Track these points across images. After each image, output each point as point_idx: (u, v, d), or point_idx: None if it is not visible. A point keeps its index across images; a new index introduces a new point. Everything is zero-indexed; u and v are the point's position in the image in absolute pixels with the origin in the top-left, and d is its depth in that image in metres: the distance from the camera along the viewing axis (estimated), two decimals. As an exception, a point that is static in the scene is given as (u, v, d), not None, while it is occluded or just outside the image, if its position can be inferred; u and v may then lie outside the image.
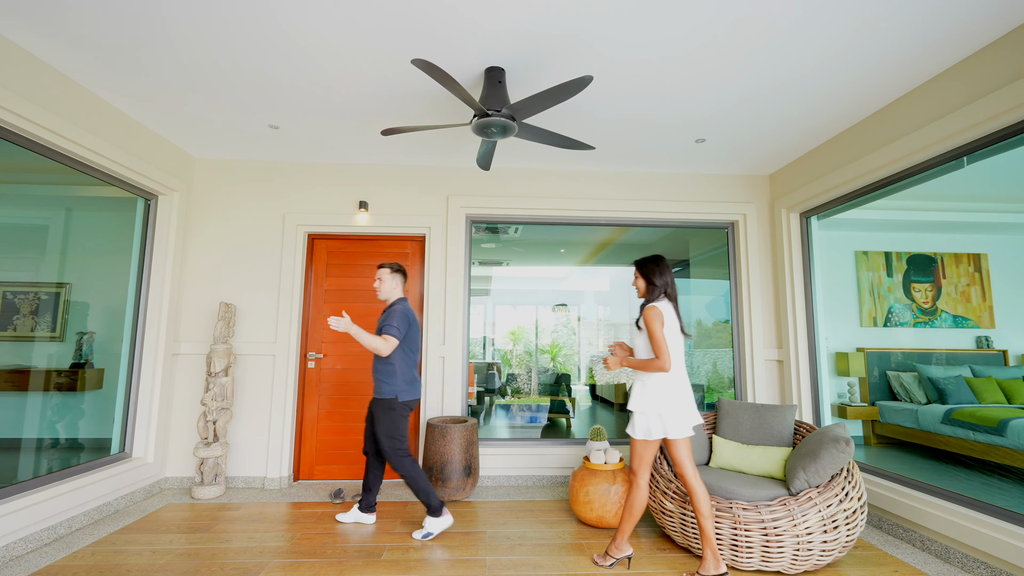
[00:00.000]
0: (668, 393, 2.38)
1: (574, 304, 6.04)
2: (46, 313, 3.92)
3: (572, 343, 5.95)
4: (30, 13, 2.31)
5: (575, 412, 5.39)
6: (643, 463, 2.44)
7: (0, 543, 2.50)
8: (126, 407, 3.56)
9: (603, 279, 6.14)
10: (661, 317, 2.38)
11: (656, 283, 2.50)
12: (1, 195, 3.89)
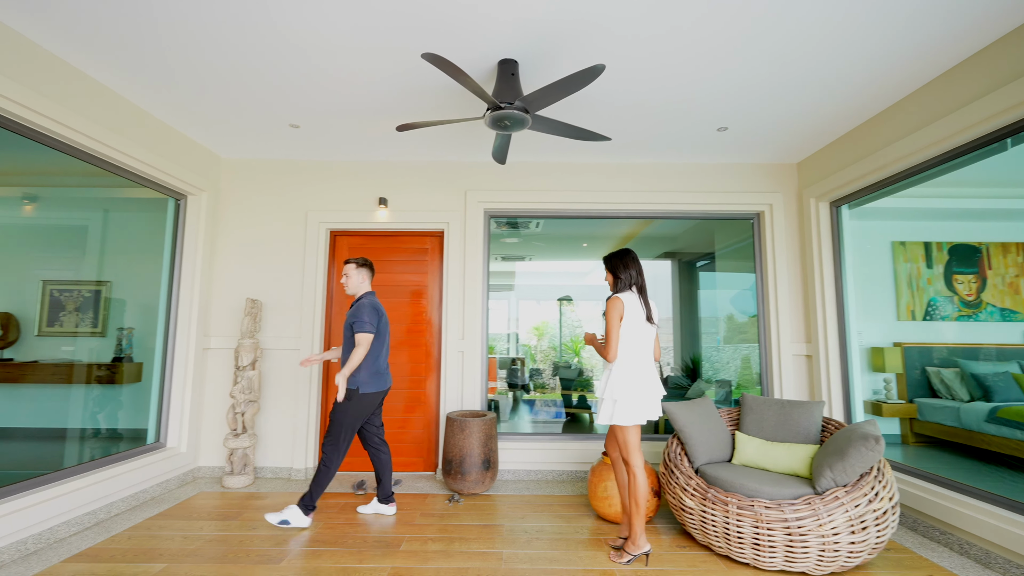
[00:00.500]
0: (627, 381, 2.48)
1: (599, 299, 5.99)
2: (89, 310, 4.13)
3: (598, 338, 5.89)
4: (71, 26, 2.42)
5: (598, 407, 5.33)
6: (634, 449, 2.51)
7: (46, 526, 2.66)
8: (160, 399, 3.72)
9: None
10: (620, 309, 2.50)
11: (620, 276, 2.61)
12: (46, 198, 4.10)
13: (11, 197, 4.04)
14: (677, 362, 5.68)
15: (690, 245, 5.59)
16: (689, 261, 5.79)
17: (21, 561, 2.45)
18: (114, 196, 3.93)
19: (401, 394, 4.08)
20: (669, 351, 5.99)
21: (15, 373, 3.98)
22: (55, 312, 4.17)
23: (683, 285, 5.91)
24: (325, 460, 2.91)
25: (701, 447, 2.94)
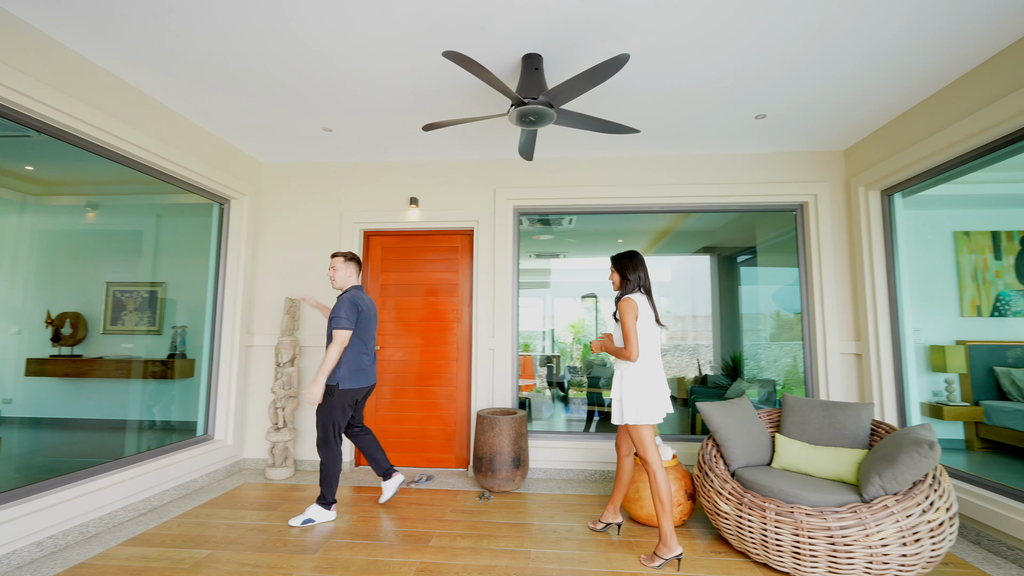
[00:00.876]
0: (641, 381, 2.50)
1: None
2: (147, 309, 4.40)
3: None
4: (115, 41, 2.57)
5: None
6: (650, 447, 2.49)
7: (106, 511, 2.85)
8: (208, 394, 3.92)
9: (664, 269, 5.90)
10: (635, 309, 2.52)
11: (630, 277, 2.64)
12: (106, 206, 4.40)
13: (76, 205, 4.36)
14: (717, 361, 5.49)
15: (730, 239, 5.39)
16: (729, 256, 5.58)
17: (83, 543, 2.64)
18: (165, 202, 4.17)
19: (434, 391, 4.13)
20: (708, 349, 5.80)
21: (83, 368, 4.30)
22: (117, 311, 4.48)
23: (723, 281, 5.70)
24: (323, 462, 2.97)
25: (738, 449, 2.83)
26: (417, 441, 4.11)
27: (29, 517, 2.44)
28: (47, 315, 4.35)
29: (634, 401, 2.49)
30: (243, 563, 2.43)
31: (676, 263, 5.88)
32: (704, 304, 5.84)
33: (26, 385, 4.35)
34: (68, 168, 3.72)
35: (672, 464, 2.96)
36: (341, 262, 3.12)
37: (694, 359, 5.78)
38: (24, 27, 2.42)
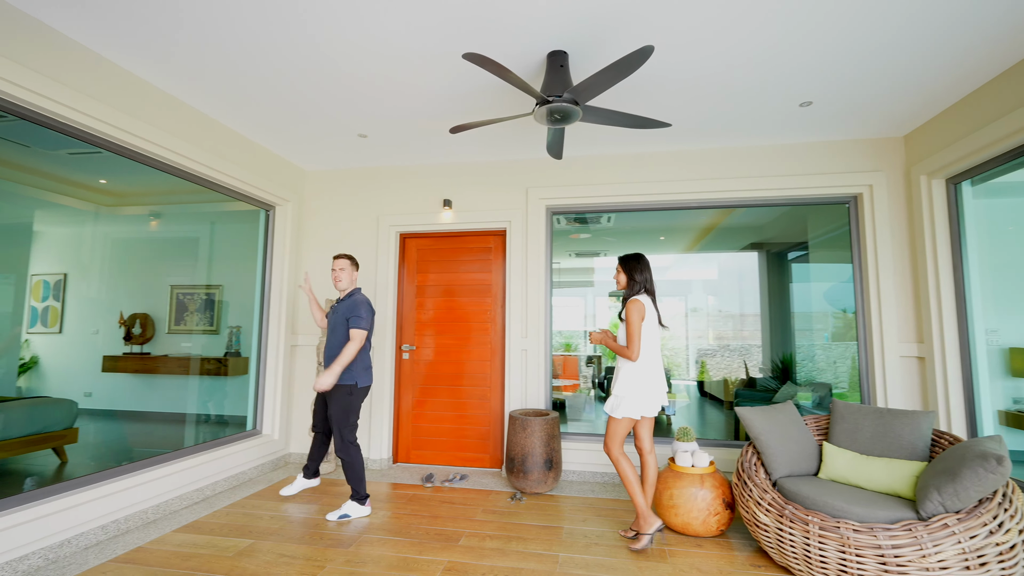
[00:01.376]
0: (636, 380, 2.63)
1: (681, 294, 5.69)
2: (206, 310, 4.70)
3: (680, 336, 5.60)
4: (166, 59, 2.76)
5: (674, 408, 5.09)
6: (620, 441, 2.69)
7: (163, 499, 3.07)
8: (256, 390, 4.14)
9: (711, 267, 5.68)
10: (642, 311, 2.63)
11: (636, 279, 2.74)
12: (167, 214, 4.72)
13: (141, 215, 4.71)
14: (766, 363, 5.22)
15: (779, 235, 5.11)
16: (779, 252, 5.29)
17: (142, 528, 2.85)
18: (218, 210, 4.43)
19: (468, 391, 4.17)
20: (757, 350, 5.53)
21: (151, 365, 4.65)
22: (180, 312, 4.81)
23: (772, 278, 5.41)
24: (347, 461, 3.03)
25: (780, 457, 2.67)
26: (452, 440, 4.16)
27: (97, 502, 2.66)
28: (120, 316, 4.74)
29: (624, 397, 2.63)
30: (281, 554, 2.54)
31: (723, 260, 5.64)
32: (752, 303, 5.56)
33: (103, 380, 4.75)
34: (134, 181, 4.02)
35: (709, 471, 2.84)
36: (349, 264, 3.23)
37: (741, 360, 5.52)
38: (94, 57, 2.64)
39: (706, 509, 2.73)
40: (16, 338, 3.66)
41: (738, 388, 5.12)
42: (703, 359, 5.43)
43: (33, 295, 4.67)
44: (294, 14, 2.32)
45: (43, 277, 4.65)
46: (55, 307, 4.72)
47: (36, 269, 4.60)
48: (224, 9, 2.30)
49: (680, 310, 5.69)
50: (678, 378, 5.55)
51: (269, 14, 2.33)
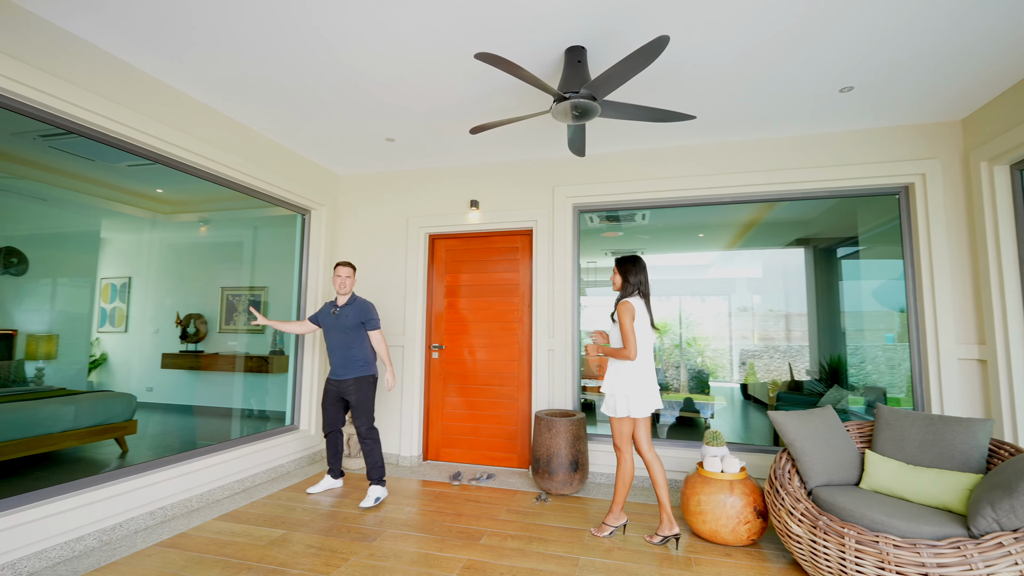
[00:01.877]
0: (635, 378, 2.66)
1: (724, 294, 5.50)
2: (256, 310, 4.95)
3: (723, 336, 5.41)
4: (208, 76, 2.92)
5: (713, 411, 4.92)
6: (626, 439, 2.72)
7: (206, 488, 3.25)
8: (293, 387, 4.32)
9: (754, 264, 5.45)
10: (632, 312, 2.65)
11: (631, 280, 2.77)
12: (215, 221, 5.00)
13: (192, 221, 5.01)
14: (813, 365, 4.95)
15: (827, 229, 4.83)
16: (826, 248, 5.00)
17: (186, 516, 3.03)
18: (259, 215, 4.66)
19: (496, 390, 4.18)
20: (803, 351, 5.25)
21: (204, 362, 4.94)
22: (230, 313, 5.09)
23: (819, 275, 5.12)
24: (373, 443, 3.37)
25: (817, 465, 2.52)
26: (481, 439, 4.18)
27: (147, 489, 2.86)
28: (177, 316, 5.08)
29: (627, 397, 2.66)
30: (309, 544, 2.64)
31: (767, 257, 5.40)
32: (799, 302, 5.29)
33: (161, 376, 5.09)
34: (185, 189, 4.29)
35: (739, 478, 2.72)
36: (351, 271, 3.53)
37: (786, 362, 5.26)
38: (149, 79, 2.84)
39: (736, 517, 2.62)
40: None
41: (780, 391, 4.88)
42: (747, 360, 5.21)
43: (103, 297, 5.07)
44: (310, 27, 2.41)
45: (111, 280, 5.04)
46: (121, 308, 5.11)
47: (104, 273, 5.00)
48: (260, 31, 2.41)
49: (723, 309, 5.49)
50: (721, 380, 5.36)
51: (304, 34, 2.42)
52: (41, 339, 4.15)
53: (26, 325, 4.02)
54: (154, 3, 2.29)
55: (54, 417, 3.58)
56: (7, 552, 2.23)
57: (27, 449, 3.31)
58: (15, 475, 3.07)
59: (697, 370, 5.38)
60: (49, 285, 4.15)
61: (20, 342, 4.00)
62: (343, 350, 3.40)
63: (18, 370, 3.95)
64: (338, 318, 3.44)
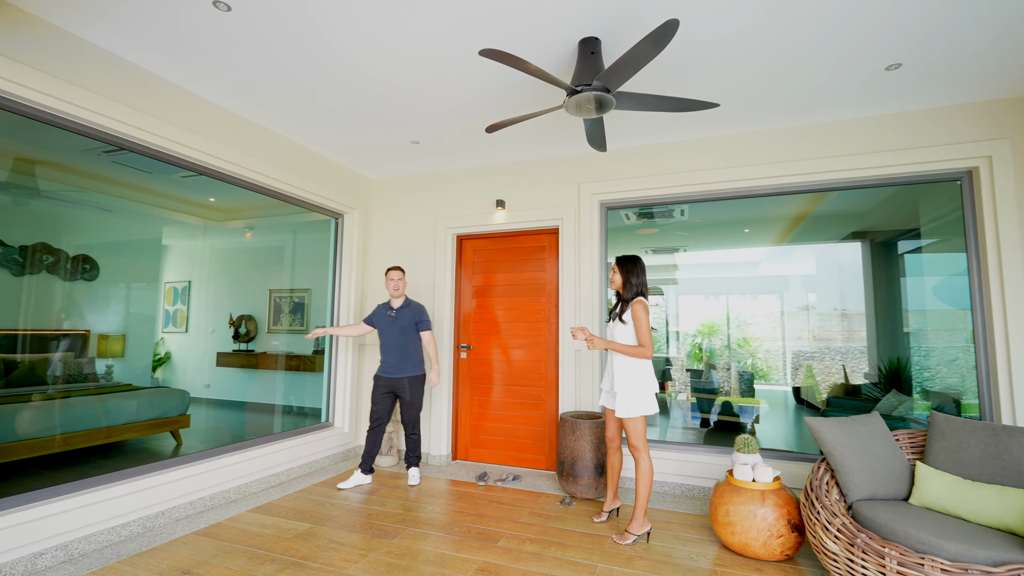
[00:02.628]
0: (649, 377, 2.72)
1: (776, 291, 5.22)
2: (297, 312, 5.18)
3: (774, 337, 5.14)
4: (250, 92, 3.08)
5: (757, 414, 4.67)
6: (643, 438, 2.72)
7: (244, 481, 3.41)
8: (328, 385, 4.46)
9: (807, 260, 5.13)
10: (648, 310, 2.69)
11: (632, 281, 2.79)
12: (260, 227, 5.25)
13: (239, 228, 5.30)
14: (872, 368, 4.58)
15: (885, 221, 4.46)
16: (885, 241, 4.62)
17: (224, 506, 3.19)
18: (298, 221, 4.87)
19: (524, 391, 4.14)
20: (861, 353, 4.87)
21: (254, 361, 5.21)
22: (277, 314, 5.34)
23: (878, 271, 4.74)
24: (417, 434, 3.74)
25: (859, 477, 2.31)
26: (509, 440, 4.15)
27: (191, 479, 3.03)
28: (230, 317, 5.39)
29: (642, 395, 2.68)
30: (332, 539, 2.70)
31: (820, 252, 5.06)
32: (855, 299, 4.92)
33: (216, 373, 5.42)
34: (234, 198, 4.54)
35: (772, 488, 2.54)
36: (403, 275, 3.74)
37: (840, 364, 4.90)
38: (185, 94, 3.02)
39: (767, 530, 2.44)
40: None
41: (831, 395, 4.55)
42: (800, 362, 4.90)
43: (166, 299, 5.47)
44: (321, 40, 2.47)
45: (173, 284, 5.42)
46: (182, 310, 5.48)
47: (168, 277, 5.38)
48: (285, 48, 2.51)
49: (774, 309, 5.20)
50: (774, 383, 5.08)
51: (318, 45, 2.50)
52: (111, 339, 4.50)
53: (97, 326, 4.37)
54: (208, 34, 2.42)
55: (117, 410, 3.88)
56: (62, 534, 2.42)
57: (93, 440, 3.61)
58: (80, 463, 3.36)
59: (739, 372, 5.12)
60: (118, 289, 4.50)
61: (92, 341, 4.36)
62: (399, 350, 3.62)
63: (89, 367, 4.31)
64: (395, 320, 3.66)
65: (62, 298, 4.08)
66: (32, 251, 3.83)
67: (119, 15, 2.38)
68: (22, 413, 3.38)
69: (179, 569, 2.35)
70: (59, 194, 3.87)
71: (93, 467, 3.17)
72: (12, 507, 2.33)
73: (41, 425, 3.41)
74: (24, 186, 3.61)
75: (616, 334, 2.79)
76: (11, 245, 3.70)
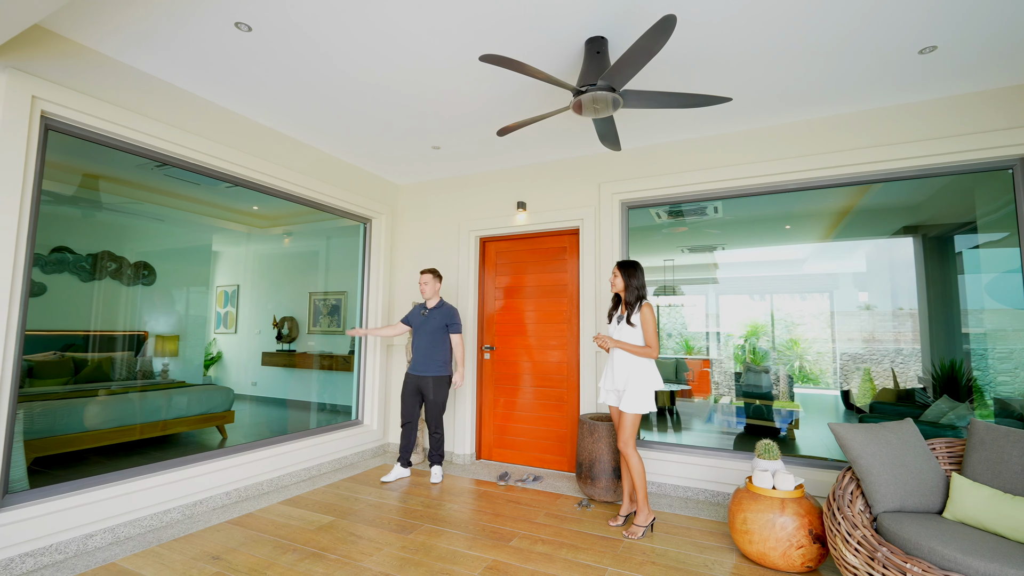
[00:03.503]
0: (654, 375, 2.83)
1: (823, 290, 4.99)
2: (335, 314, 5.41)
3: (824, 339, 4.93)
4: (289, 110, 3.26)
5: (795, 418, 4.47)
6: (634, 434, 2.84)
7: (277, 474, 3.59)
8: (358, 384, 4.63)
9: (856, 256, 4.86)
10: (654, 312, 2.82)
11: (633, 284, 2.89)
12: (297, 233, 5.52)
13: (278, 235, 5.58)
14: (926, 372, 4.27)
15: (939, 214, 4.16)
16: (940, 236, 4.31)
17: (257, 498, 3.38)
18: (332, 226, 5.08)
19: (546, 392, 4.14)
20: (913, 355, 4.55)
21: (294, 360, 5.48)
22: (316, 316, 5.60)
23: (932, 268, 4.43)
24: (440, 433, 3.82)
25: (887, 487, 2.18)
26: (531, 441, 4.17)
27: (228, 471, 3.23)
28: (273, 319, 5.70)
29: (648, 393, 2.79)
30: (351, 532, 2.81)
31: (870, 248, 4.78)
32: (908, 297, 4.62)
33: (261, 372, 5.73)
34: (275, 206, 4.80)
35: (792, 496, 2.43)
36: (433, 277, 3.81)
37: (888, 367, 4.61)
38: (226, 112, 3.24)
39: (787, 540, 2.34)
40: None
41: (875, 400, 4.28)
42: (849, 365, 4.65)
43: (217, 302, 5.84)
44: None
45: (223, 288, 5.79)
46: (232, 312, 5.84)
47: (219, 281, 5.75)
48: (324, 62, 2.65)
49: (823, 308, 4.97)
50: (823, 386, 4.85)
51: (340, 59, 2.62)
52: (166, 339, 4.87)
53: (155, 327, 4.73)
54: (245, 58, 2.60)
55: (170, 406, 4.19)
56: (111, 517, 2.64)
57: (149, 432, 3.92)
58: (136, 453, 3.66)
59: (779, 375, 4.91)
60: (173, 293, 4.86)
61: (150, 342, 4.72)
62: (427, 349, 3.74)
63: (147, 365, 4.67)
64: (427, 320, 3.78)
65: (124, 301, 4.45)
66: (98, 259, 4.20)
67: (159, 40, 2.58)
68: (88, 407, 3.71)
69: (210, 555, 2.51)
70: (119, 206, 4.23)
71: (147, 457, 3.44)
72: (68, 491, 2.57)
73: (104, 418, 3.74)
74: (89, 199, 3.97)
75: (624, 335, 2.88)
76: (80, 253, 4.07)
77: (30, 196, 2.42)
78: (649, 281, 5.18)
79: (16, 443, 2.51)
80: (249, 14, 2.34)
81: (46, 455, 3.23)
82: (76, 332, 4.15)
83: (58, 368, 4.00)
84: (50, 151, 2.61)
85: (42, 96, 2.42)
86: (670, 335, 5.81)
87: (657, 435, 4.33)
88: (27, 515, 2.35)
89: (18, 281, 2.37)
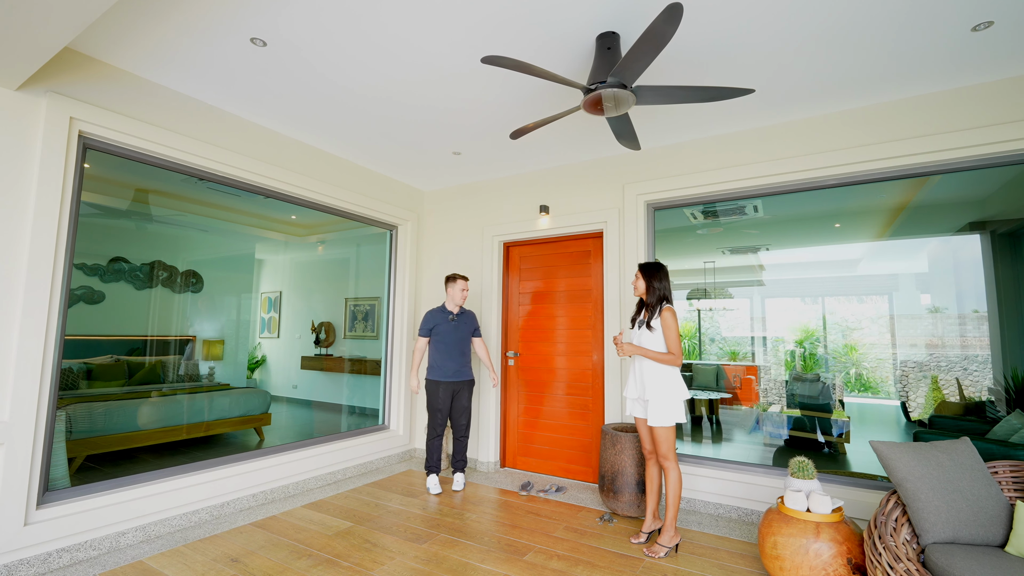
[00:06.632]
0: (680, 384, 2.67)
1: (883, 292, 4.68)
2: (370, 319, 5.52)
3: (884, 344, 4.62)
4: (316, 123, 3.35)
5: (846, 431, 4.17)
6: (672, 447, 2.67)
7: (302, 477, 3.66)
8: (384, 389, 4.67)
9: (918, 256, 4.49)
10: (677, 318, 2.67)
11: (655, 286, 2.75)
12: (329, 241, 5.66)
13: (312, 243, 5.75)
14: (998, 383, 3.86)
15: (1010, 208, 3.77)
16: (1010, 232, 3.90)
17: (282, 500, 3.45)
18: (362, 234, 5.18)
19: (570, 400, 4.03)
20: (985, 364, 4.13)
21: (331, 364, 5.62)
22: (352, 321, 5.73)
23: (1003, 267, 4.01)
24: (467, 437, 3.81)
25: (936, 515, 1.95)
26: (555, 450, 4.06)
27: (255, 473, 3.32)
28: (312, 324, 5.88)
29: (675, 404, 2.63)
30: (367, 539, 2.81)
31: (933, 247, 4.41)
32: (974, 298, 4.21)
33: (301, 375, 5.92)
34: (310, 215, 4.95)
35: (829, 520, 2.22)
36: (465, 283, 3.79)
37: (953, 376, 4.20)
38: (252, 126, 3.36)
39: (822, 568, 2.14)
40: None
41: (935, 414, 3.91)
42: (908, 374, 4.28)
43: (262, 308, 6.09)
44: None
45: (268, 294, 6.03)
46: (275, 317, 6.07)
47: (263, 288, 6.00)
48: (339, 73, 2.70)
49: (881, 312, 4.64)
50: (883, 396, 4.53)
51: (376, 74, 2.65)
52: (212, 344, 5.11)
53: (202, 332, 4.98)
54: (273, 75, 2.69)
55: (213, 407, 4.38)
56: (143, 516, 2.76)
57: (195, 432, 4.12)
58: (179, 452, 3.84)
59: (830, 384, 4.59)
60: (219, 300, 5.10)
61: (198, 346, 4.97)
62: (460, 355, 3.75)
63: (194, 368, 4.91)
64: (457, 325, 3.76)
65: (175, 308, 4.71)
66: (151, 268, 4.46)
67: (183, 58, 2.69)
68: (141, 408, 3.93)
69: (229, 557, 2.57)
70: (168, 218, 4.48)
71: (189, 456, 3.59)
72: (104, 490, 2.70)
73: (153, 418, 3.95)
74: (141, 212, 4.23)
75: (644, 341, 2.71)
76: (135, 263, 4.34)
77: (68, 211, 2.57)
78: (688, 284, 4.97)
79: (57, 443, 2.67)
80: (261, 29, 2.40)
81: (99, 452, 3.45)
82: (131, 337, 4.43)
83: (114, 371, 4.27)
84: (101, 168, 2.78)
85: (79, 117, 2.57)
86: (712, 340, 5.54)
87: (691, 447, 4.12)
88: (65, 512, 2.49)
89: (56, 289, 2.51)
